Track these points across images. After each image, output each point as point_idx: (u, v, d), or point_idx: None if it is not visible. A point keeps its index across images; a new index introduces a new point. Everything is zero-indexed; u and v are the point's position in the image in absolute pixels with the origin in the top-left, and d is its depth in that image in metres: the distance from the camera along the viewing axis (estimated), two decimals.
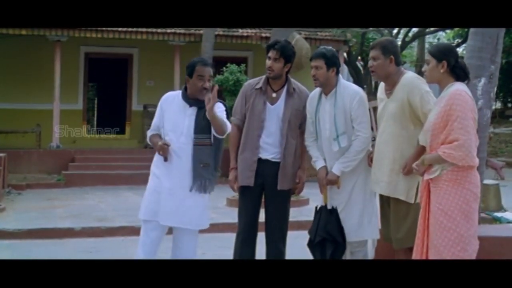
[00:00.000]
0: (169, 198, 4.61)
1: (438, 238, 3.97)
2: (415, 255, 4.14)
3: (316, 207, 5.03)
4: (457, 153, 3.92)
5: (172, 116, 4.74)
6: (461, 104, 3.97)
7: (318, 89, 5.02)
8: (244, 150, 5.03)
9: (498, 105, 27.69)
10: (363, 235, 4.93)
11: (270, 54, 5.00)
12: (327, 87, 4.93)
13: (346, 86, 5.00)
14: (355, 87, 5.09)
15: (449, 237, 3.94)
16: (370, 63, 4.69)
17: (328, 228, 4.84)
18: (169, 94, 4.94)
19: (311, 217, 5.12)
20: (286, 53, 5.02)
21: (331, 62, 4.88)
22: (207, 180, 4.68)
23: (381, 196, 4.79)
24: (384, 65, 4.62)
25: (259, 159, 5.02)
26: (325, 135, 4.92)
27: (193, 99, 4.75)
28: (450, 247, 3.93)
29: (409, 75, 4.64)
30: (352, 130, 4.87)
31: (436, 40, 27.28)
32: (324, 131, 4.92)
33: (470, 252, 3.97)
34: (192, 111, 4.73)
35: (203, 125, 4.66)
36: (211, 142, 4.70)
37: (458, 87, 4.07)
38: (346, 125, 4.86)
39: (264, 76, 5.11)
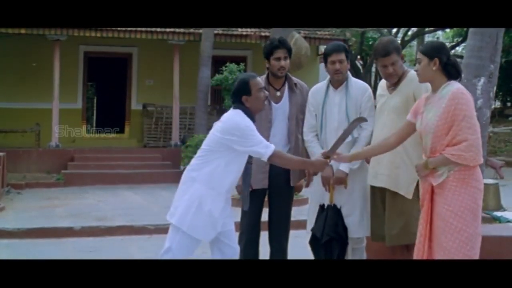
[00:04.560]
0: None
1: (448, 240, 3.90)
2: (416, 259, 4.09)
3: (320, 205, 5.02)
4: (467, 153, 3.87)
5: None
6: (465, 103, 3.93)
7: (323, 82, 5.08)
8: None
9: (497, 104, 27.70)
10: (366, 232, 4.95)
11: (280, 54, 4.98)
12: (340, 80, 4.97)
13: (356, 80, 5.09)
14: (363, 82, 5.18)
15: (459, 238, 3.88)
16: (390, 69, 4.64)
17: (337, 228, 4.84)
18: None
19: None
20: (291, 49, 5.08)
21: (349, 54, 4.99)
22: None
23: (374, 193, 4.79)
24: (401, 66, 4.68)
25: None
26: (332, 126, 4.91)
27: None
28: (461, 248, 3.88)
29: (415, 72, 4.69)
30: None
31: (435, 39, 27.26)
32: (332, 122, 4.94)
33: (477, 249, 3.94)
34: None
35: None
36: None
37: (459, 86, 4.03)
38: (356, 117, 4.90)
39: (263, 76, 5.09)
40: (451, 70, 4.09)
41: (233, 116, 4.31)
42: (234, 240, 4.52)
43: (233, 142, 4.23)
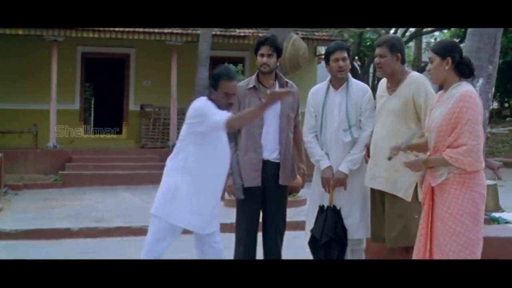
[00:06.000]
0: None
1: (447, 243, 3.85)
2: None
3: (320, 206, 5.02)
4: (466, 158, 3.79)
5: None
6: (471, 107, 3.84)
7: (323, 83, 5.12)
8: (247, 151, 5.01)
9: (495, 105, 27.72)
10: (365, 233, 4.95)
11: (263, 50, 5.02)
12: (341, 80, 4.97)
13: (356, 81, 5.11)
14: (364, 83, 5.22)
15: (458, 241, 3.82)
16: (377, 60, 4.71)
17: (337, 230, 4.84)
18: None
19: None
20: (278, 47, 5.10)
21: (350, 55, 4.98)
22: None
23: (374, 194, 4.79)
24: (390, 63, 4.64)
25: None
26: (333, 127, 4.93)
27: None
28: (459, 252, 3.81)
29: (416, 74, 4.71)
30: (359, 124, 4.94)
31: (433, 40, 27.29)
32: (332, 123, 4.96)
33: (478, 254, 3.87)
34: None
35: None
36: None
37: (468, 88, 3.93)
38: (356, 119, 4.93)
39: (253, 76, 5.13)
40: (464, 69, 4.00)
41: (195, 102, 4.37)
42: (217, 240, 4.49)
43: (196, 125, 4.27)
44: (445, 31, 25.70)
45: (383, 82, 4.84)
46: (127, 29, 15.56)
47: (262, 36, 5.17)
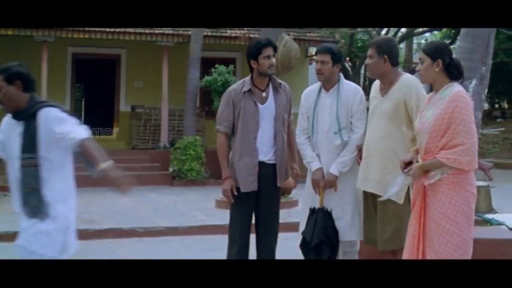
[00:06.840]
0: None
1: (441, 243, 3.86)
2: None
3: (311, 208, 4.99)
4: (463, 158, 3.81)
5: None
6: (464, 107, 3.87)
7: (316, 85, 5.10)
8: (242, 156, 4.95)
9: (486, 106, 27.84)
10: (357, 235, 4.93)
11: (269, 52, 4.94)
12: (329, 83, 4.98)
13: (348, 82, 5.11)
14: (356, 84, 5.21)
15: (452, 241, 3.84)
16: (366, 60, 4.74)
17: (327, 231, 4.82)
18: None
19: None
20: (277, 48, 5.09)
21: (337, 58, 4.97)
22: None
23: (366, 197, 4.77)
24: (377, 64, 4.63)
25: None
26: (323, 129, 4.93)
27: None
28: (453, 252, 3.83)
29: (408, 76, 4.69)
30: (350, 125, 4.92)
31: (423, 42, 27.38)
32: (323, 125, 4.95)
33: (470, 254, 3.90)
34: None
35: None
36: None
37: (459, 89, 3.98)
38: (347, 121, 4.91)
39: (246, 79, 5.08)
40: (453, 71, 4.04)
41: None
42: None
43: None
44: (436, 32, 25.79)
45: (377, 83, 4.82)
46: (118, 30, 15.51)
47: (262, 39, 5.11)
